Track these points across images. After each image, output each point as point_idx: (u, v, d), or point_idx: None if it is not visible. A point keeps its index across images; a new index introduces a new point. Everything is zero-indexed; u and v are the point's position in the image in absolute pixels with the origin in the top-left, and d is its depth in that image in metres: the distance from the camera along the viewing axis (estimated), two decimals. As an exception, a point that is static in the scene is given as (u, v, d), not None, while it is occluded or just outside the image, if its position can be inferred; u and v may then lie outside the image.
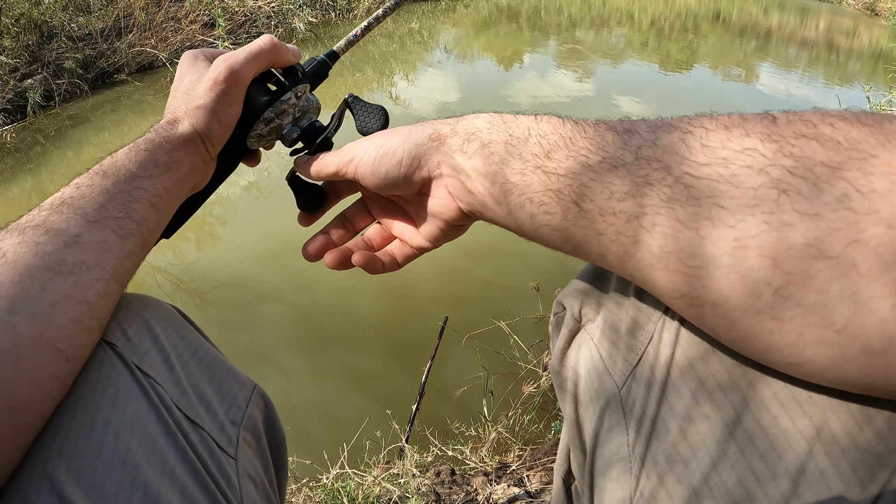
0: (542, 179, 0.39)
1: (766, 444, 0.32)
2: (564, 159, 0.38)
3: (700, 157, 0.32)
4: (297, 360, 2.08)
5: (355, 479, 1.39)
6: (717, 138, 0.32)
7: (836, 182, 0.28)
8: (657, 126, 0.35)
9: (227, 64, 0.50)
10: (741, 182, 0.30)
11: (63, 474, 0.33)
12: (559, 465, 0.53)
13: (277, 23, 5.49)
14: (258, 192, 3.02)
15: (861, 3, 11.75)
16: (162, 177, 0.47)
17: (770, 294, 0.29)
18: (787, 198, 0.29)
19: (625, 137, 0.36)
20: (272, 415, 0.52)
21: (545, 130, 0.40)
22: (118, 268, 0.42)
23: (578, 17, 8.72)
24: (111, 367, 0.39)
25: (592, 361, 0.44)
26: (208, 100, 0.50)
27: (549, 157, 0.38)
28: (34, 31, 4.02)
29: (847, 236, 0.27)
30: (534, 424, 1.70)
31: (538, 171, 0.39)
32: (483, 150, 0.42)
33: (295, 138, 0.55)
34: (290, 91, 0.54)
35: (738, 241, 0.30)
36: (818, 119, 0.30)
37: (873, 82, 6.38)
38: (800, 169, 0.29)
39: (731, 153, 0.31)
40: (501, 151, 0.41)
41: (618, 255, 0.36)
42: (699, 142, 0.32)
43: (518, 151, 0.40)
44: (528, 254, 2.56)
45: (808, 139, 0.29)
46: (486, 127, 0.43)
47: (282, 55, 0.54)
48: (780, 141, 0.30)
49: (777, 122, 0.31)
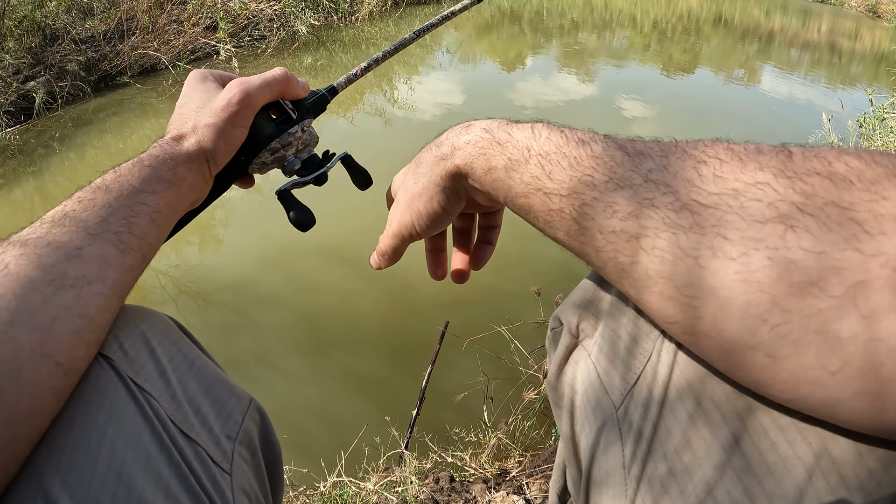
0: (542, 201, 0.40)
1: (765, 470, 0.32)
2: (568, 179, 0.38)
3: (711, 186, 0.32)
4: (296, 363, 2.08)
5: (352, 486, 1.39)
6: (731, 170, 0.32)
7: (846, 222, 0.27)
8: (670, 151, 0.35)
9: (243, 87, 0.52)
10: (749, 215, 0.30)
11: (58, 488, 0.33)
12: (555, 481, 0.52)
13: (279, 26, 5.50)
14: (261, 196, 3.02)
15: (863, 5, 11.73)
16: (164, 193, 0.47)
17: (766, 331, 0.29)
18: (794, 234, 0.28)
19: (636, 160, 0.36)
20: (268, 429, 0.52)
21: (546, 150, 0.40)
22: (118, 282, 0.42)
23: (580, 20, 8.73)
24: (107, 381, 0.39)
25: (590, 379, 0.44)
26: (219, 119, 0.51)
27: (551, 178, 0.39)
28: (37, 34, 4.03)
29: (851, 277, 0.27)
30: (534, 430, 1.70)
31: (538, 193, 0.40)
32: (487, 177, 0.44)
33: (295, 170, 0.57)
34: (298, 125, 0.56)
35: (739, 275, 0.29)
36: (833, 157, 0.30)
37: (875, 84, 6.37)
38: (809, 206, 0.28)
39: (742, 185, 0.31)
40: (504, 177, 0.43)
41: (615, 271, 0.36)
42: (712, 171, 0.32)
43: (518, 175, 0.41)
44: (532, 258, 2.56)
45: (822, 177, 0.29)
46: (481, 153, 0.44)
47: (292, 87, 0.56)
48: (792, 177, 0.30)
49: (793, 158, 0.31)
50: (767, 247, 0.29)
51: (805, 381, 0.28)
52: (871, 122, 4.03)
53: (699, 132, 0.48)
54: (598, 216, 0.36)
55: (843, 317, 0.27)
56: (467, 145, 0.45)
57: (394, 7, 7.18)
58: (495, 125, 0.45)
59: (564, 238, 0.40)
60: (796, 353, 0.28)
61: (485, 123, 0.46)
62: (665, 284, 0.32)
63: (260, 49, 5.19)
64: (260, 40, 5.30)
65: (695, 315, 0.31)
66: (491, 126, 0.45)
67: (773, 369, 0.29)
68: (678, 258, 0.32)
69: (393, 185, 0.55)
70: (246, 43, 5.21)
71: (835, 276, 0.27)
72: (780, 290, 0.28)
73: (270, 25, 5.44)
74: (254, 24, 5.39)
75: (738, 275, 0.29)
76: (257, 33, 5.36)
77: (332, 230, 2.63)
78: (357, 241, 2.60)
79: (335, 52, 5.60)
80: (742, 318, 0.29)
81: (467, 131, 0.46)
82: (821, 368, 0.28)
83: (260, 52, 5.14)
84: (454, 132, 0.48)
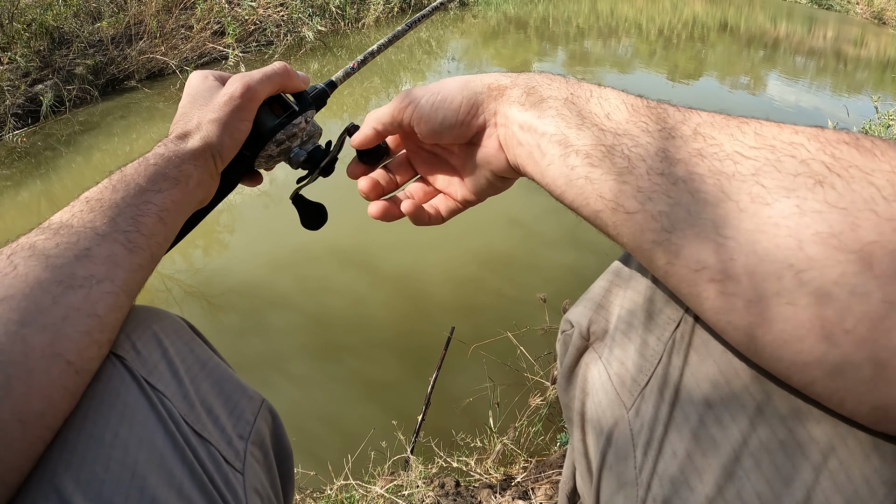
0: (596, 134, 0.40)
1: (773, 471, 0.32)
2: (624, 122, 0.40)
3: (752, 141, 0.35)
4: (305, 367, 2.08)
5: (360, 489, 1.39)
6: (769, 130, 0.35)
7: (866, 186, 0.30)
8: (715, 114, 0.38)
9: (244, 81, 0.53)
10: (784, 167, 0.32)
11: (71, 486, 0.33)
12: (564, 483, 0.52)
13: (287, 31, 5.52)
14: (268, 199, 3.03)
15: (868, 12, 11.71)
16: (171, 190, 0.48)
17: (791, 276, 0.30)
18: (822, 189, 0.31)
19: (685, 114, 0.38)
20: (280, 429, 0.52)
21: (608, 95, 0.42)
22: (127, 281, 0.42)
23: (586, 27, 8.74)
24: (120, 380, 0.39)
25: (601, 381, 0.44)
26: (223, 114, 0.51)
27: (609, 118, 0.40)
28: (45, 37, 4.06)
29: (868, 235, 0.29)
30: (540, 436, 1.70)
31: (594, 128, 0.40)
32: (542, 104, 0.43)
33: (302, 161, 0.57)
34: (301, 116, 0.56)
35: (771, 219, 0.32)
36: (861, 135, 0.32)
37: (881, 91, 6.35)
38: (837, 167, 0.31)
39: (779, 143, 0.34)
40: (560, 106, 0.43)
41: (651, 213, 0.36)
42: (753, 130, 0.35)
43: (577, 109, 0.42)
44: (539, 264, 2.56)
45: (849, 146, 0.32)
46: (548, 83, 0.45)
47: (293, 80, 0.56)
48: (824, 142, 0.32)
49: (824, 130, 0.34)
50: (798, 196, 0.31)
51: (822, 338, 0.29)
52: (876, 130, 4.01)
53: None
54: (650, 159, 0.37)
55: (859, 272, 0.28)
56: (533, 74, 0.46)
57: (400, 14, 7.20)
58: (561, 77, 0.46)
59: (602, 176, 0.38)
60: (817, 302, 0.29)
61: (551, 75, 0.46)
62: (705, 225, 0.34)
63: (267, 55, 5.21)
64: (267, 46, 5.33)
65: (728, 256, 0.33)
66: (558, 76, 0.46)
67: (793, 321, 0.30)
68: (720, 202, 0.33)
69: None
70: (253, 48, 5.24)
71: (853, 232, 0.29)
72: (806, 236, 0.30)
73: (277, 31, 5.47)
74: (261, 29, 5.41)
75: (771, 219, 0.31)
76: (264, 39, 5.39)
77: (343, 233, 2.63)
78: (367, 244, 2.60)
79: (342, 59, 5.62)
80: (771, 261, 0.31)
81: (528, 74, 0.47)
82: (837, 323, 0.29)
83: (267, 58, 5.16)
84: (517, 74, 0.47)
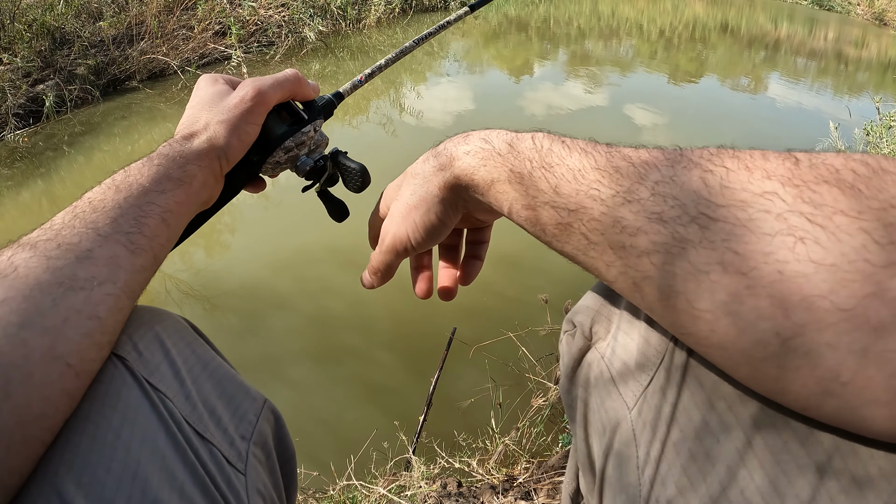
0: (549, 215, 0.39)
1: (777, 470, 0.32)
2: (574, 194, 0.37)
3: (719, 198, 0.31)
4: (306, 368, 2.08)
5: (362, 490, 1.39)
6: (737, 179, 0.31)
7: (855, 232, 0.27)
8: (675, 161, 0.35)
9: (256, 85, 0.53)
10: (758, 227, 0.29)
11: (72, 488, 0.33)
12: (567, 483, 0.52)
13: (288, 32, 5.52)
14: (267, 201, 3.03)
15: (869, 13, 11.69)
16: (174, 192, 0.47)
17: (778, 344, 0.29)
18: (804, 246, 0.28)
19: (641, 171, 0.35)
20: (282, 429, 0.52)
21: (549, 162, 0.40)
22: (129, 283, 0.42)
23: (587, 28, 8.74)
24: (121, 381, 0.39)
25: (603, 380, 0.44)
26: (233, 115, 0.51)
27: (557, 192, 0.38)
28: (46, 38, 4.07)
29: (862, 289, 0.27)
30: (542, 437, 1.69)
31: (546, 207, 0.39)
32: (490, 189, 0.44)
33: (308, 170, 0.57)
34: (310, 124, 0.56)
35: (750, 290, 0.29)
36: (840, 164, 0.29)
37: (882, 92, 6.34)
38: (819, 217, 0.28)
39: (750, 196, 0.30)
40: (508, 189, 0.42)
41: (626, 286, 0.36)
42: (719, 181, 0.32)
43: (523, 188, 0.41)
44: (543, 266, 2.56)
45: (830, 186, 0.29)
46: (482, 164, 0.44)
47: (304, 88, 0.57)
48: (800, 186, 0.29)
49: (799, 166, 0.30)
50: (777, 260, 0.28)
51: (816, 392, 0.28)
52: (877, 131, 4.01)
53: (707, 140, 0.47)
54: (607, 232, 0.35)
55: (854, 329, 0.27)
56: (466, 155, 0.44)
57: (401, 14, 7.21)
58: (494, 135, 0.44)
59: (572, 252, 0.39)
60: (808, 364, 0.28)
61: (483, 133, 0.45)
62: (678, 299, 0.32)
63: (268, 55, 5.21)
64: (268, 46, 5.33)
65: (708, 328, 0.31)
66: (490, 136, 0.44)
67: (785, 380, 0.29)
68: (689, 274, 0.31)
69: (384, 198, 0.53)
70: (255, 49, 5.24)
71: (845, 290, 0.27)
72: (792, 303, 0.28)
73: (279, 32, 5.47)
74: (262, 30, 5.42)
75: (750, 289, 0.29)
76: (266, 39, 5.39)
77: (344, 234, 2.63)
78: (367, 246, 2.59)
79: (343, 59, 5.62)
80: (754, 332, 0.29)
81: (466, 141, 0.45)
82: (832, 379, 0.28)
83: (269, 59, 5.16)
84: (452, 142, 0.47)
